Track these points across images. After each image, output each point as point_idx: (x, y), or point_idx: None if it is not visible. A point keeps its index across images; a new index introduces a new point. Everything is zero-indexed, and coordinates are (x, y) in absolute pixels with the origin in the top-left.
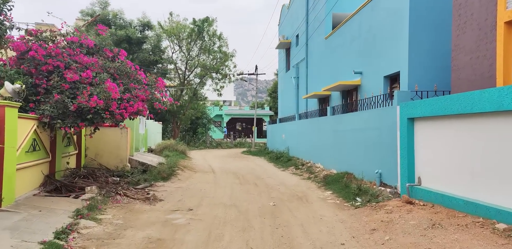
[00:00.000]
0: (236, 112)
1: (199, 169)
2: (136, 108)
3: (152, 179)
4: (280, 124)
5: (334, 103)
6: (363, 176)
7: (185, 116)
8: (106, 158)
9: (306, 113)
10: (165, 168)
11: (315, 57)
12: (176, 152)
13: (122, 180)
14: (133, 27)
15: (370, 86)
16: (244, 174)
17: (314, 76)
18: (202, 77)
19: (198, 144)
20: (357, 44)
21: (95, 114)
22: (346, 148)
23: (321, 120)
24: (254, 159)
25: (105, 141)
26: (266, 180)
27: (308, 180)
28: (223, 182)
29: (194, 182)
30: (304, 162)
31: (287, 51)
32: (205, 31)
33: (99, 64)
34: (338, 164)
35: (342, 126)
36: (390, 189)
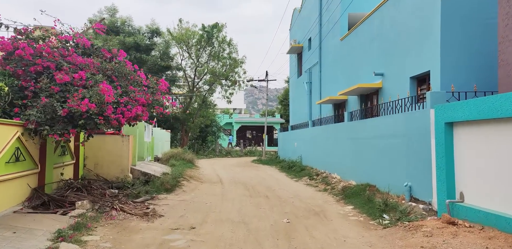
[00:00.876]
0: (246, 120)
1: (206, 179)
2: (135, 113)
3: (154, 190)
4: (292, 132)
5: (351, 108)
6: (389, 189)
7: (194, 124)
8: (106, 168)
9: (320, 119)
10: (169, 179)
11: (329, 60)
12: (183, 161)
13: (121, 192)
14: (142, 34)
15: (393, 89)
16: (254, 184)
17: (328, 81)
18: (211, 84)
19: (207, 152)
20: (378, 44)
21: (87, 119)
22: (367, 157)
23: (337, 127)
24: (265, 168)
25: (105, 150)
26: (278, 192)
27: (324, 192)
28: (232, 194)
29: (200, 194)
30: (319, 172)
31: (298, 56)
32: (215, 37)
33: (95, 65)
34: (357, 175)
35: (362, 133)
36: (423, 205)
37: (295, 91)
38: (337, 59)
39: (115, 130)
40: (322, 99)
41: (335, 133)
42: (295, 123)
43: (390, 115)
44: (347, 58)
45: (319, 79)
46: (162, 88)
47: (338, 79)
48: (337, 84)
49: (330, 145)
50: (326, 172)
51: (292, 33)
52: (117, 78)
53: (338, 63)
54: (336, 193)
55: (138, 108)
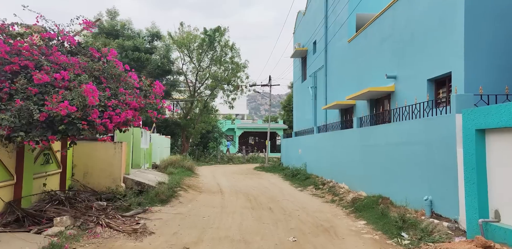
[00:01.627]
0: (248, 126)
1: (206, 189)
2: (124, 118)
3: (147, 202)
4: (296, 138)
5: (359, 113)
6: (406, 203)
7: (195, 130)
8: (97, 177)
9: (326, 126)
10: (164, 189)
11: (336, 63)
12: (181, 169)
13: (110, 205)
14: (142, 38)
15: (408, 92)
16: (256, 194)
17: (334, 85)
18: (213, 89)
19: (209, 158)
20: (390, 44)
21: (69, 124)
22: (379, 166)
23: (345, 133)
24: (268, 176)
25: (95, 157)
26: (283, 203)
27: (332, 204)
28: (232, 205)
29: (198, 206)
30: (325, 181)
31: (303, 60)
32: (217, 41)
33: (81, 65)
34: (368, 185)
35: (373, 140)
36: (447, 222)
37: (299, 96)
38: (344, 62)
39: (101, 136)
40: (328, 105)
41: (342, 140)
42: (299, 129)
43: (407, 121)
44: (356, 61)
45: (324, 83)
46: (157, 91)
47: (345, 83)
48: (344, 88)
49: (337, 152)
50: (332, 181)
51: (296, 37)
52: (106, 80)
53: (346, 66)
54: (346, 205)
55: (128, 113)
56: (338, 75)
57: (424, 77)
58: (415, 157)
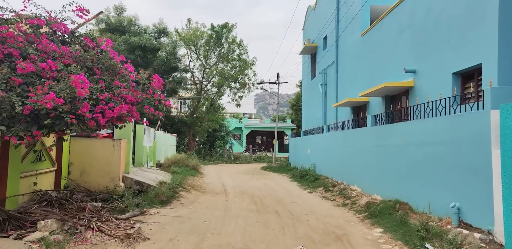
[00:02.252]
0: (256, 125)
1: (210, 189)
2: (118, 113)
3: (146, 203)
4: (304, 137)
5: (373, 111)
6: (430, 210)
7: (202, 128)
8: (94, 176)
9: (336, 124)
10: (164, 189)
11: (348, 59)
12: (186, 168)
13: (105, 206)
14: (148, 34)
15: (429, 87)
16: (263, 196)
17: (345, 82)
18: (220, 87)
19: (215, 157)
20: (409, 36)
21: (56, 119)
22: (397, 168)
23: (357, 132)
24: (275, 176)
25: (93, 155)
26: (290, 206)
27: (343, 208)
28: (236, 208)
29: (199, 208)
30: (335, 183)
31: (312, 57)
32: (224, 38)
33: (73, 54)
34: (383, 189)
35: (390, 139)
36: (479, 233)
37: (308, 94)
38: (357, 57)
39: (91, 132)
40: (339, 102)
41: (354, 139)
42: (308, 128)
43: (429, 118)
44: (369, 55)
45: (335, 80)
46: (156, 85)
47: (358, 79)
48: (357, 85)
49: (348, 152)
50: (344, 183)
51: (306, 33)
52: (100, 72)
53: (358, 61)
54: (359, 210)
55: (122, 107)
56: (350, 71)
57: (449, 70)
58: (439, 158)
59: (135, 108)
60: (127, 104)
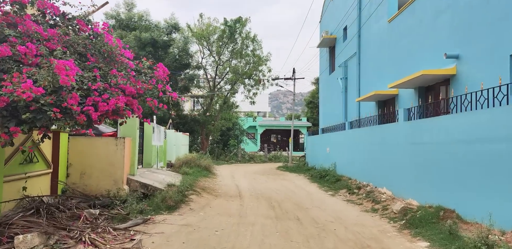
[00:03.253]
0: (270, 123)
1: (223, 192)
2: (114, 106)
3: (151, 209)
4: (323, 135)
5: (404, 104)
6: (491, 222)
7: (215, 127)
8: (95, 178)
9: (359, 120)
10: (172, 193)
11: (372, 49)
12: (197, 168)
13: (104, 213)
14: (159, 30)
15: (476, 74)
16: (281, 200)
17: (369, 74)
18: (233, 84)
19: (229, 157)
20: (448, 18)
21: (37, 112)
22: (438, 169)
23: (386, 128)
24: (293, 177)
25: (94, 155)
26: (313, 212)
27: (373, 214)
28: (252, 214)
29: (211, 215)
30: (360, 184)
31: (331, 50)
32: (238, 33)
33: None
34: (421, 193)
35: (429, 136)
36: None
37: (326, 89)
38: (382, 47)
39: (82, 128)
40: (364, 96)
41: (383, 136)
42: (327, 126)
43: (484, 110)
44: (398, 44)
45: (357, 73)
46: (160, 74)
47: (384, 70)
48: (383, 77)
49: (375, 151)
50: (370, 185)
51: (323, 25)
52: (95, 59)
53: (385, 51)
54: (393, 217)
55: (120, 99)
56: (375, 62)
57: (505, 53)
58: (498, 158)
59: (136, 102)
60: (127, 97)
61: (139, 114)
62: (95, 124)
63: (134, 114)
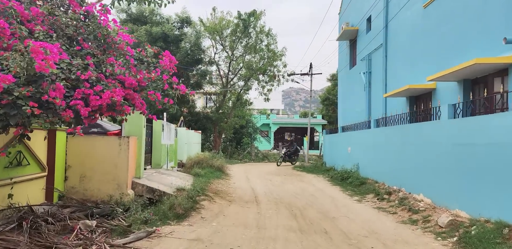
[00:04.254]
0: (284, 121)
1: (237, 196)
2: (109, 99)
3: (157, 219)
4: (343, 134)
5: (443, 100)
6: None
7: (228, 125)
8: (97, 182)
9: (386, 118)
10: (182, 199)
11: (402, 39)
12: (210, 169)
13: (103, 225)
14: (170, 24)
15: None
16: (302, 206)
17: (398, 67)
18: (247, 80)
19: (243, 156)
20: None
21: (10, 107)
22: (498, 175)
23: (424, 127)
24: (311, 178)
25: (96, 157)
26: (341, 222)
27: (413, 226)
28: (272, 225)
29: (225, 225)
30: (390, 189)
31: (351, 43)
32: (252, 27)
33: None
34: (473, 203)
35: (484, 136)
36: None
37: (346, 85)
38: (416, 36)
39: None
40: (393, 91)
41: (419, 136)
42: (346, 124)
43: None
44: (437, 31)
45: (383, 66)
46: (166, 64)
47: (417, 62)
48: (416, 69)
49: (408, 152)
50: (402, 190)
51: (343, 17)
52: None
53: (419, 40)
54: (439, 233)
55: (116, 92)
56: (406, 53)
57: None
58: None
59: (138, 96)
60: (126, 90)
61: (143, 110)
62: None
63: (135, 110)
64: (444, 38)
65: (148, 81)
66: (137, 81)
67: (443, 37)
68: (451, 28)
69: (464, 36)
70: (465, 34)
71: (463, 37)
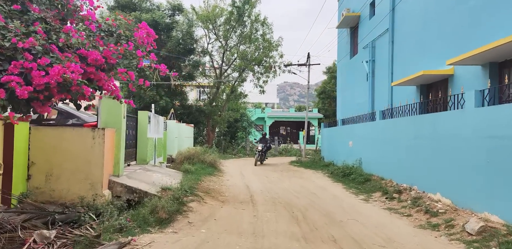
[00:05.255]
0: (280, 115)
1: (231, 196)
2: (58, 76)
3: (136, 225)
4: (343, 127)
5: (460, 87)
6: None
7: (222, 118)
8: (66, 181)
9: (392, 109)
10: (165, 201)
11: (411, 23)
12: (202, 164)
13: (65, 235)
14: (161, 11)
15: None
16: (304, 207)
17: (406, 54)
18: (241, 71)
19: (237, 150)
20: None
21: None
22: None
23: (442, 118)
24: (310, 174)
25: (65, 152)
26: (351, 228)
27: (433, 232)
28: (270, 231)
29: (215, 232)
30: (400, 187)
31: (352, 31)
32: (247, 15)
33: None
34: (508, 206)
35: None
36: None
37: (346, 76)
38: (429, 18)
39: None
40: (403, 79)
41: (436, 128)
42: (346, 116)
43: None
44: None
45: (389, 53)
46: (141, 37)
47: (430, 47)
48: (429, 55)
49: (422, 146)
50: (414, 188)
51: (344, 3)
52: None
53: (433, 22)
54: (469, 241)
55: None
56: (416, 38)
57: None
58: None
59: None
60: (90, 67)
61: (117, 95)
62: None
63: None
64: (465, 18)
65: (119, 57)
66: (103, 57)
67: (463, 17)
68: (473, 6)
69: (490, 13)
70: (491, 11)
71: (489, 15)
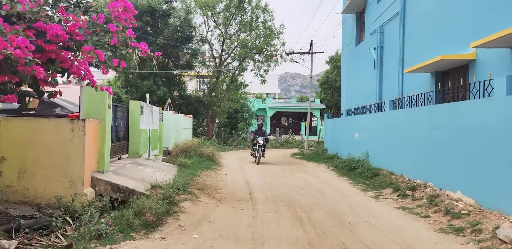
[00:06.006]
0: (281, 105)
1: (228, 192)
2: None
3: (118, 230)
4: (348, 118)
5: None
6: None
7: (221, 109)
8: (42, 178)
9: (403, 99)
10: (153, 202)
11: (425, 4)
12: (199, 158)
13: (29, 244)
14: None
15: None
16: (308, 206)
17: (419, 39)
18: (242, 60)
19: (237, 142)
20: None
21: None
22: None
23: (466, 108)
24: (313, 167)
25: (40, 145)
26: (362, 232)
27: (459, 238)
28: (271, 236)
29: (209, 238)
30: (413, 183)
31: (358, 16)
32: (247, 1)
33: None
34: None
35: None
36: None
37: (351, 64)
38: None
39: None
40: (419, 65)
41: (457, 119)
42: (352, 106)
43: None
44: None
45: (400, 38)
46: (115, 11)
47: (448, 30)
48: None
49: (439, 138)
50: (429, 185)
51: None
52: None
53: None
54: None
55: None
56: (432, 21)
57: None
58: None
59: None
60: (50, 45)
61: (91, 80)
62: None
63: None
64: None
65: (87, 33)
66: (68, 32)
67: None
68: None
69: None
70: None
71: None
